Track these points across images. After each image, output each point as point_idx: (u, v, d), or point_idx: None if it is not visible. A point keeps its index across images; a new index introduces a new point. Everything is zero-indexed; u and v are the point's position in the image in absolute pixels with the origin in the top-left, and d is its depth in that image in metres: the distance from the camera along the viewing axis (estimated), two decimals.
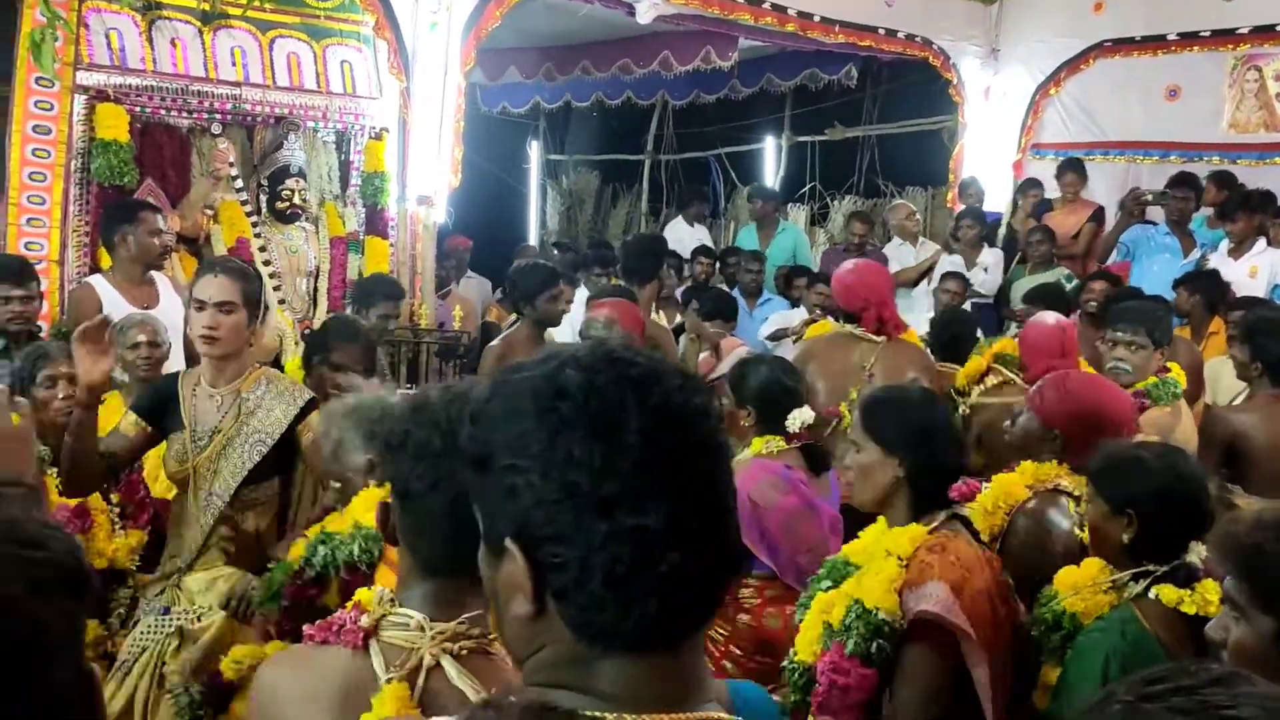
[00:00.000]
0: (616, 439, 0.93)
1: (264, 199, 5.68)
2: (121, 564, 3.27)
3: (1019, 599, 2.52)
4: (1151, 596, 2.27)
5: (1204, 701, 0.86)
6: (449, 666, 1.49)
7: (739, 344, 5.38)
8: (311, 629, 1.60)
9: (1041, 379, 3.19)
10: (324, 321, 4.06)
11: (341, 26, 5.92)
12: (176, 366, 4.38)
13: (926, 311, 6.68)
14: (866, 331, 4.38)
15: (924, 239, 8.11)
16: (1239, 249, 6.28)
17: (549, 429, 0.94)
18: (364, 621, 1.55)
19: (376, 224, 6.06)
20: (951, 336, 5.09)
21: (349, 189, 6.09)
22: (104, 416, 3.17)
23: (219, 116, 5.60)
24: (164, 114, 5.44)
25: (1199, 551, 2.26)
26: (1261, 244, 6.24)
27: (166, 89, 5.39)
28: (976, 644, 2.22)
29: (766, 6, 7.18)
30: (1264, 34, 7.30)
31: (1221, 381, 4.93)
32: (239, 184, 5.60)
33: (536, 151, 12.32)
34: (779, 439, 3.44)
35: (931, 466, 2.46)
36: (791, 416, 3.44)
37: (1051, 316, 4.34)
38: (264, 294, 3.60)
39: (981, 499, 2.80)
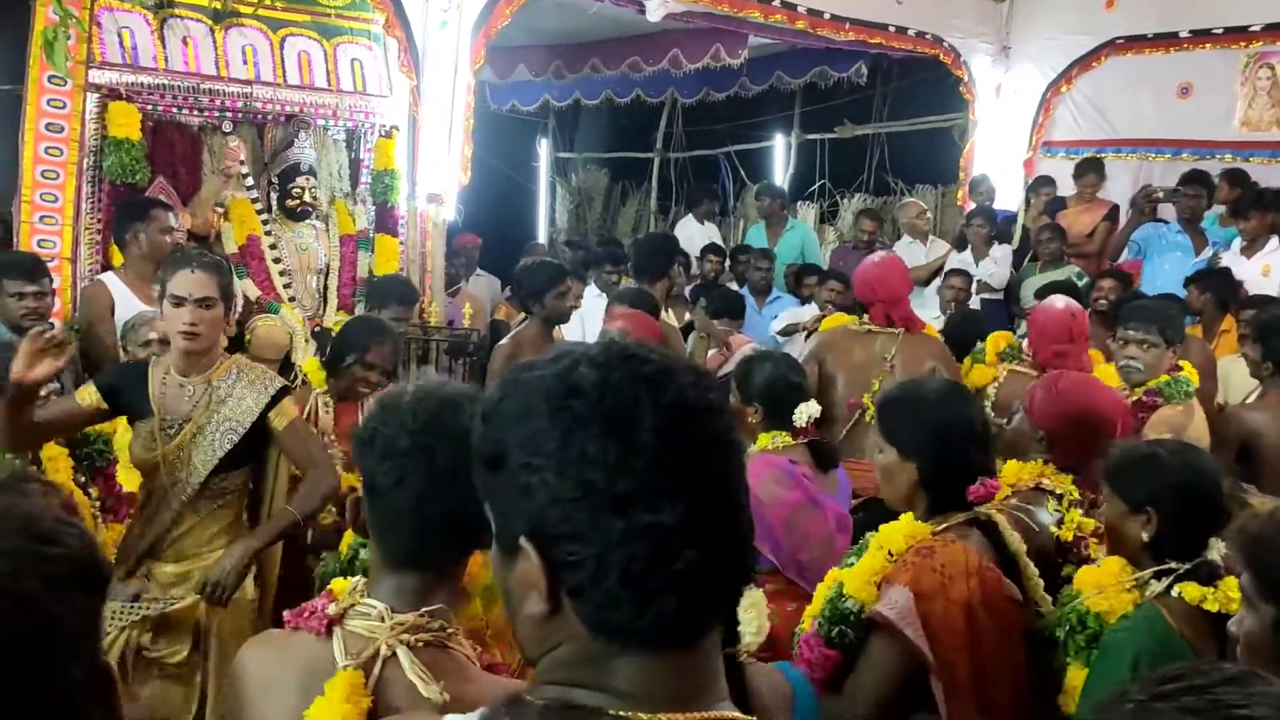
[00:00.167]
0: (631, 436, 0.92)
1: (274, 197, 5.68)
2: None
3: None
4: (1174, 595, 2.25)
5: (1216, 700, 0.85)
6: (403, 657, 1.52)
7: (747, 341, 5.38)
8: (289, 614, 1.64)
9: (1040, 376, 3.19)
10: (349, 322, 4.06)
11: (352, 25, 5.92)
12: None
13: (934, 310, 6.66)
14: (877, 325, 4.41)
15: (934, 237, 8.09)
16: (1251, 247, 6.24)
17: (563, 427, 0.94)
18: (331, 610, 1.59)
19: (386, 222, 6.06)
20: (965, 335, 5.09)
21: (359, 187, 6.10)
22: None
23: (230, 115, 5.61)
24: (175, 112, 5.45)
25: (1219, 548, 2.25)
26: (1274, 242, 6.19)
27: (178, 87, 5.40)
28: (926, 655, 2.20)
29: (776, 4, 7.16)
30: (1276, 31, 7.24)
31: (1232, 380, 4.91)
32: (250, 182, 5.61)
33: (546, 149, 12.31)
34: (785, 435, 3.44)
35: (946, 469, 2.44)
36: (798, 411, 3.43)
37: (1061, 301, 4.33)
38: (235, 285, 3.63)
39: None
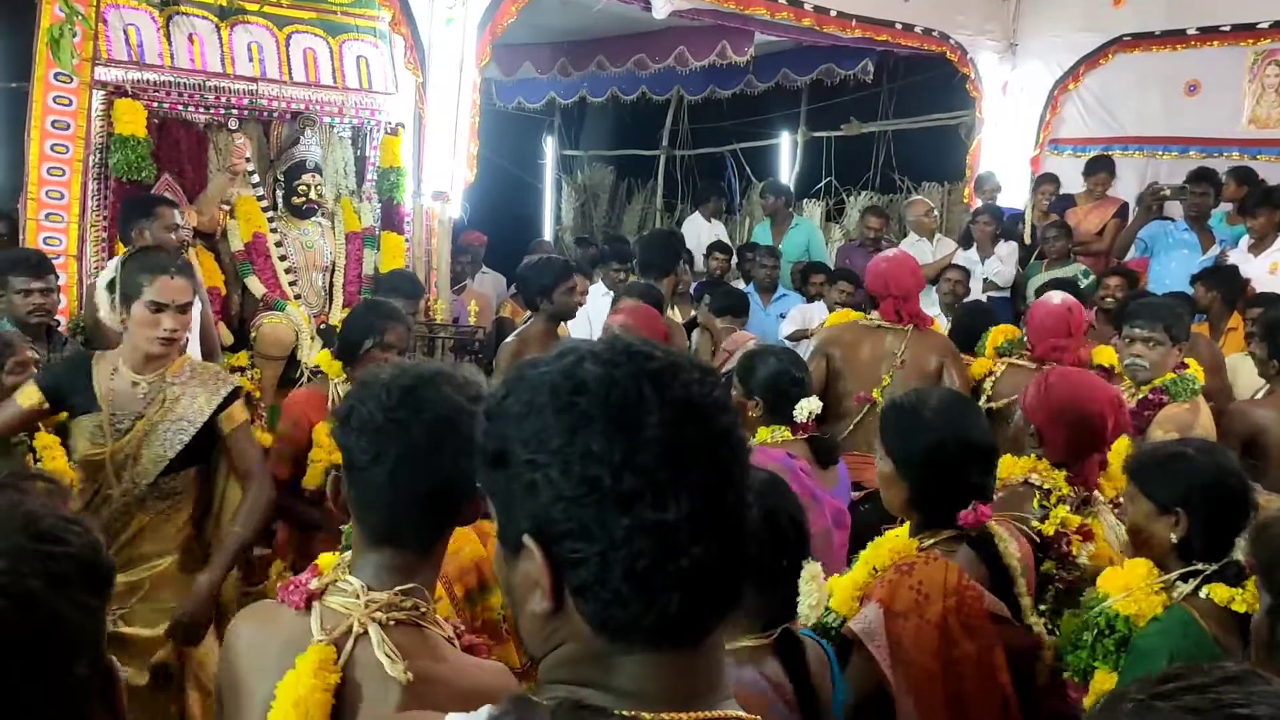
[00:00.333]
0: (636, 433, 0.92)
1: (280, 194, 5.69)
2: None
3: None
4: (1202, 596, 2.23)
5: (1217, 700, 0.85)
6: (374, 635, 1.54)
7: (749, 337, 5.36)
8: (279, 587, 1.68)
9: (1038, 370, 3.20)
10: (356, 310, 4.00)
11: (358, 22, 5.92)
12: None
13: (934, 308, 6.64)
14: (887, 320, 4.47)
15: (941, 235, 8.07)
16: (1259, 245, 6.22)
17: (568, 424, 0.93)
18: (312, 585, 1.62)
19: (392, 219, 6.06)
20: (975, 327, 5.09)
21: (365, 184, 6.09)
22: None
23: (236, 112, 5.61)
24: (181, 109, 5.45)
25: (1241, 547, 2.23)
26: None
27: (184, 84, 5.40)
28: (885, 672, 2.19)
29: (783, 1, 7.15)
30: None
31: (1240, 378, 4.89)
32: (255, 179, 5.62)
33: (551, 147, 12.32)
34: (784, 429, 3.45)
35: (936, 491, 2.39)
36: (799, 406, 3.45)
37: (1059, 296, 4.39)
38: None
39: None
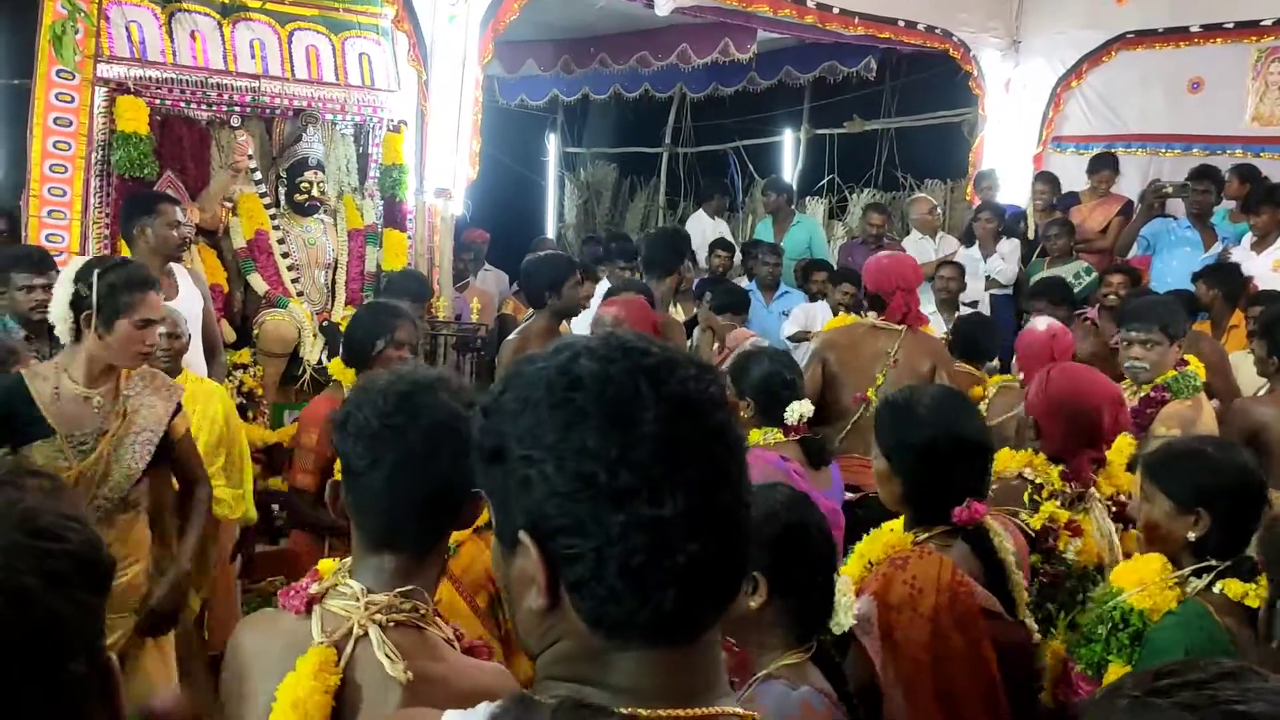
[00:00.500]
0: (632, 429, 0.91)
1: (282, 191, 5.69)
2: None
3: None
4: (1216, 590, 2.25)
5: (1213, 696, 0.84)
6: (374, 636, 1.55)
7: (750, 335, 5.36)
8: (281, 592, 1.69)
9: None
10: (361, 312, 3.96)
11: (360, 19, 5.91)
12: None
13: (930, 305, 6.64)
14: (888, 321, 4.52)
15: (943, 233, 8.07)
16: (1262, 243, 6.21)
17: (563, 420, 0.92)
18: (313, 589, 1.64)
19: (395, 216, 6.06)
20: (973, 338, 5.15)
21: (367, 181, 6.09)
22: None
23: (238, 109, 5.60)
24: (184, 106, 5.44)
25: (1253, 544, 2.26)
26: None
27: (186, 81, 5.39)
28: (874, 664, 2.20)
29: None
30: None
31: (1242, 375, 4.88)
32: (258, 176, 5.61)
33: (554, 144, 12.31)
34: (776, 431, 3.47)
35: (930, 487, 2.39)
36: (790, 409, 3.47)
37: (1043, 323, 4.41)
38: None
39: None
